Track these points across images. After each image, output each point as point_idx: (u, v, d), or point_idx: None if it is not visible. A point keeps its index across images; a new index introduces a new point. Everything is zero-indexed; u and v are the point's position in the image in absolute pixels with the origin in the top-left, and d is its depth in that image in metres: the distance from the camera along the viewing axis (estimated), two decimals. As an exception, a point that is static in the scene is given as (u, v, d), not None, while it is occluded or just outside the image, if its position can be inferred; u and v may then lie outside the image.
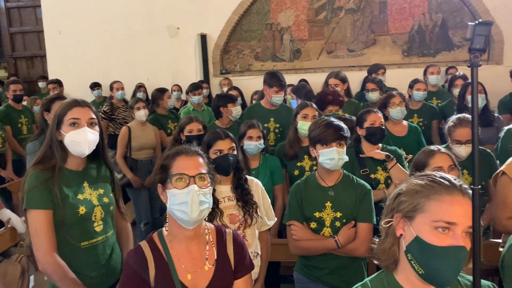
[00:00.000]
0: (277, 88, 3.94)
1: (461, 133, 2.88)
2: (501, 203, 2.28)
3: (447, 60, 6.95)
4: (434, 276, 1.16)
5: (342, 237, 2.31)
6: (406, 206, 1.21)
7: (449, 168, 2.23)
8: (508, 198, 2.24)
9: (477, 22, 1.27)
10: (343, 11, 7.27)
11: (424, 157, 2.30)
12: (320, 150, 2.34)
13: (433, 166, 2.23)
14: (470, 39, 1.28)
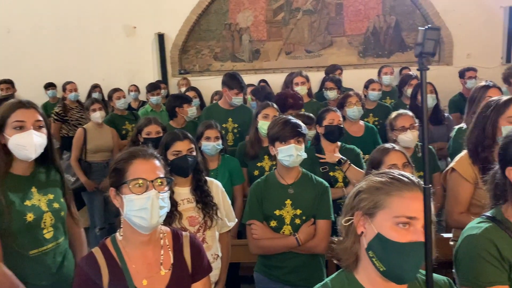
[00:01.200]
0: (237, 90, 3.94)
1: (403, 119, 3.08)
2: (453, 199, 2.35)
3: (401, 61, 7.18)
4: (395, 272, 1.18)
5: (302, 234, 2.33)
6: (366, 203, 1.23)
7: (403, 165, 2.30)
8: (460, 194, 2.31)
9: (427, 27, 1.31)
10: (300, 12, 7.35)
11: (379, 155, 2.36)
12: (279, 147, 2.37)
13: (388, 164, 2.29)
14: (421, 44, 1.32)
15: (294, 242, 2.33)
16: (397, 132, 3.10)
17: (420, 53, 1.31)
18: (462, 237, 1.50)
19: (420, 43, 1.31)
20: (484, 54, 6.77)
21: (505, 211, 1.48)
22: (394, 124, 3.13)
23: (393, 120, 3.15)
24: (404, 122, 3.08)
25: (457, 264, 1.50)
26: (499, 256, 1.38)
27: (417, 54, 1.32)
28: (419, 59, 1.36)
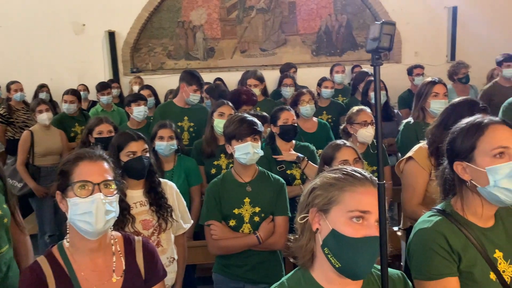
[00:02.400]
0: (196, 87, 3.88)
1: (365, 114, 3.16)
2: (411, 188, 2.39)
3: (353, 59, 7.35)
4: (350, 268, 1.19)
5: (262, 232, 2.35)
6: (320, 200, 1.23)
7: (354, 160, 2.34)
8: (417, 182, 2.36)
9: (383, 21, 1.33)
10: (254, 10, 7.36)
11: (331, 151, 2.39)
12: (235, 145, 2.37)
13: (339, 159, 2.33)
14: (377, 38, 1.33)
15: (255, 240, 2.34)
16: (358, 126, 3.16)
17: (376, 48, 1.32)
18: (414, 231, 1.54)
19: (377, 37, 1.32)
20: (431, 52, 7.05)
21: (454, 204, 1.53)
22: (355, 119, 3.19)
23: (355, 115, 3.21)
24: (366, 117, 3.16)
25: (409, 258, 1.53)
26: (449, 248, 1.42)
27: (372, 49, 1.33)
28: (372, 55, 1.38)
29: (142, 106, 3.99)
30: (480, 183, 1.43)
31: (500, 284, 1.43)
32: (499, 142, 1.41)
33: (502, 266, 1.45)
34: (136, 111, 3.93)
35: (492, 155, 1.41)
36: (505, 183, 1.38)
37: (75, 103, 4.73)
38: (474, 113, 2.24)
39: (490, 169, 1.40)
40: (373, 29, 1.35)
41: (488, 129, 1.44)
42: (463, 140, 1.47)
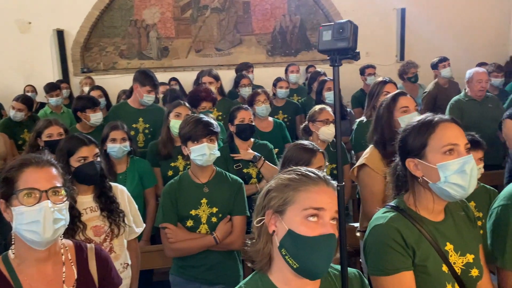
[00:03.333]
0: (150, 88, 3.79)
1: (327, 113, 3.23)
2: (370, 194, 2.41)
3: (307, 59, 7.46)
4: (308, 267, 1.19)
5: (219, 232, 2.35)
6: (276, 201, 1.24)
7: (324, 166, 2.40)
8: (375, 187, 2.38)
9: (349, 22, 1.35)
10: (208, 10, 7.31)
11: (306, 156, 2.33)
12: (191, 147, 2.35)
13: (316, 166, 2.26)
14: (347, 38, 1.35)
15: (211, 241, 2.34)
16: (320, 124, 3.21)
17: (347, 49, 1.35)
18: (369, 228, 1.57)
19: (348, 37, 1.34)
20: (381, 53, 7.26)
21: (407, 200, 1.57)
22: (317, 117, 3.24)
23: (317, 113, 3.27)
24: (328, 116, 3.23)
25: (366, 254, 1.56)
26: (404, 243, 1.46)
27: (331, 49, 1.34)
28: (332, 56, 1.40)
29: (99, 112, 3.78)
30: (431, 179, 1.47)
31: (451, 276, 1.49)
32: (449, 139, 1.46)
33: (453, 258, 1.51)
34: (93, 119, 3.70)
35: (442, 152, 1.46)
36: (454, 179, 1.43)
37: (23, 111, 4.49)
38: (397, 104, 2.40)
39: (441, 165, 1.45)
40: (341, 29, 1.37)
41: (438, 127, 1.48)
42: (415, 138, 1.51)
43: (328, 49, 1.41)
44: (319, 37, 1.42)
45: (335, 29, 1.39)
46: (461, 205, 1.63)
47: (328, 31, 1.40)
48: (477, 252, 1.58)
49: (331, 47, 1.40)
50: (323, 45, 1.42)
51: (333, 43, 1.40)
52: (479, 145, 2.35)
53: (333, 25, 1.41)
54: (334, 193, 1.25)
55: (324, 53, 1.45)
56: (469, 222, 1.62)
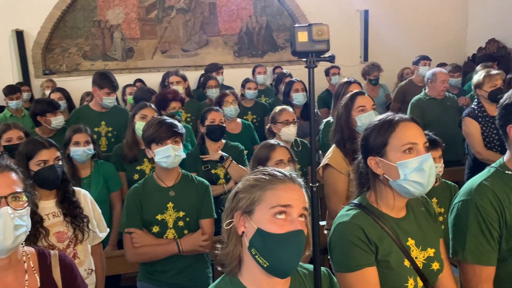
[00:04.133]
0: (109, 90, 3.72)
1: (287, 113, 3.24)
2: (333, 193, 2.48)
3: (273, 60, 7.50)
4: (278, 265, 1.20)
5: (185, 240, 2.30)
6: (244, 202, 1.25)
7: (288, 160, 2.40)
8: (338, 186, 2.45)
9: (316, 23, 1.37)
10: (174, 10, 7.24)
11: (265, 151, 2.41)
12: (155, 149, 2.30)
13: (275, 160, 2.37)
14: (326, 41, 1.37)
15: (175, 248, 2.29)
16: (280, 125, 3.24)
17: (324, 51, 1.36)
18: (334, 226, 1.60)
19: (325, 40, 1.35)
20: (346, 54, 7.38)
21: (369, 197, 1.61)
22: (278, 118, 3.27)
23: (277, 114, 3.29)
24: (288, 116, 3.24)
25: (331, 251, 1.59)
26: (367, 240, 1.50)
27: (318, 51, 1.36)
28: (310, 57, 1.41)
29: (59, 115, 3.65)
30: (391, 176, 1.52)
31: (413, 270, 1.54)
32: (408, 138, 1.50)
33: (415, 253, 1.55)
34: (55, 122, 3.57)
35: (402, 150, 1.50)
36: (413, 176, 1.48)
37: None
38: (354, 103, 2.50)
39: (401, 163, 1.49)
40: (320, 31, 1.38)
41: (398, 126, 1.52)
42: (376, 137, 1.55)
43: (305, 51, 1.41)
44: (294, 38, 1.41)
45: (312, 31, 1.40)
46: (422, 201, 1.68)
47: (304, 32, 1.40)
48: (438, 246, 1.63)
49: (309, 49, 1.41)
50: (300, 46, 1.41)
51: (311, 45, 1.41)
52: (436, 144, 2.44)
53: (308, 27, 1.41)
54: (301, 190, 1.27)
55: (299, 55, 1.44)
56: (430, 217, 1.67)
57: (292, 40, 1.43)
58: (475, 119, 3.49)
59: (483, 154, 3.41)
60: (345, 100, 2.58)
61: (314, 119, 1.49)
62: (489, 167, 1.74)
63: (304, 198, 1.26)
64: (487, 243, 1.60)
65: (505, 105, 1.65)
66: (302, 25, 1.42)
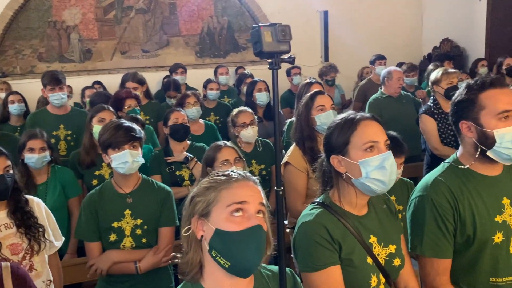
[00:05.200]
0: (50, 86, 3.54)
1: (244, 116, 3.23)
2: (293, 191, 2.51)
3: (236, 60, 7.49)
4: (240, 264, 1.19)
5: (144, 264, 2.23)
6: (200, 205, 1.24)
7: (234, 160, 2.39)
8: (298, 184, 2.49)
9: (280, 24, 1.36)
10: (133, 10, 7.10)
11: (212, 152, 2.41)
12: (112, 154, 2.21)
13: (220, 160, 2.36)
14: (289, 41, 1.36)
15: (133, 271, 2.22)
16: (239, 128, 3.23)
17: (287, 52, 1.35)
18: (298, 225, 1.60)
19: (288, 40, 1.34)
20: (307, 54, 7.46)
21: (332, 195, 1.63)
22: (236, 121, 3.26)
23: (235, 117, 3.28)
24: (245, 119, 3.22)
25: (295, 251, 1.59)
26: (330, 238, 1.51)
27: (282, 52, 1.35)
28: (275, 58, 1.40)
29: None
30: (354, 175, 1.54)
31: (376, 267, 1.56)
32: (369, 137, 1.53)
33: (377, 250, 1.58)
34: None
35: (363, 149, 1.52)
36: (375, 174, 1.50)
37: None
38: (314, 102, 2.54)
39: (362, 162, 1.51)
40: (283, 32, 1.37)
41: (359, 125, 1.55)
42: (338, 136, 1.57)
43: (271, 51, 1.40)
44: (260, 38, 1.38)
45: (277, 31, 1.39)
46: (383, 199, 1.72)
47: (269, 32, 1.39)
48: (399, 242, 1.67)
49: (275, 49, 1.39)
50: (267, 46, 1.39)
51: (276, 46, 1.39)
52: (401, 151, 2.47)
53: (273, 27, 1.39)
54: (256, 187, 1.27)
55: (263, 55, 1.41)
56: (391, 214, 1.71)
57: (255, 40, 1.40)
58: (431, 116, 3.60)
59: (440, 150, 3.53)
60: (305, 100, 2.62)
61: (278, 120, 1.49)
62: (443, 162, 1.80)
63: (260, 194, 1.26)
64: (443, 236, 1.66)
65: (457, 102, 1.71)
66: (267, 24, 1.40)
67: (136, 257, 2.25)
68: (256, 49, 1.41)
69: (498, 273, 1.65)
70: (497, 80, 1.66)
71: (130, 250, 2.26)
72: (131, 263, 2.22)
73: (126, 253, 2.25)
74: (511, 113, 1.60)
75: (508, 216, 1.65)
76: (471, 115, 1.65)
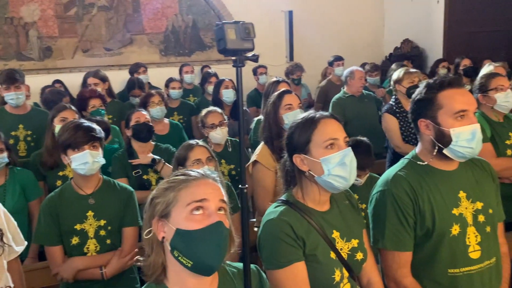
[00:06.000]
0: (5, 85, 3.43)
1: (213, 116, 3.21)
2: (261, 189, 2.52)
3: (201, 59, 7.44)
4: (202, 262, 1.19)
5: (109, 269, 2.20)
6: (160, 206, 1.23)
7: (207, 159, 2.38)
8: (266, 182, 2.50)
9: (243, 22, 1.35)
10: (95, 8, 6.93)
11: (183, 151, 2.38)
12: (71, 155, 2.16)
13: (192, 159, 2.34)
14: (252, 39, 1.36)
15: (98, 276, 2.19)
16: (208, 129, 3.21)
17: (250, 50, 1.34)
18: (262, 223, 1.62)
19: (252, 38, 1.34)
20: (273, 53, 7.50)
21: (295, 193, 1.65)
22: (205, 121, 3.23)
23: (204, 118, 3.25)
24: (214, 119, 3.19)
25: (260, 249, 1.60)
26: (294, 235, 1.53)
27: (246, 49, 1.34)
28: (240, 56, 1.40)
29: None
30: (316, 172, 1.57)
31: (339, 261, 1.60)
32: (329, 134, 1.56)
33: (340, 244, 1.62)
34: None
35: (324, 146, 1.56)
36: (336, 171, 1.54)
37: None
38: (282, 101, 2.57)
39: (324, 159, 1.55)
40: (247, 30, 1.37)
41: (320, 123, 1.58)
42: (299, 135, 1.60)
43: (235, 48, 1.39)
44: (223, 35, 1.37)
45: (241, 29, 1.38)
46: (345, 194, 1.76)
47: (232, 30, 1.38)
48: (361, 236, 1.71)
49: (238, 47, 1.38)
50: (231, 44, 1.38)
51: (240, 43, 1.39)
52: (369, 163, 2.60)
53: (236, 24, 1.38)
54: (216, 184, 1.27)
55: (228, 53, 1.41)
56: (353, 210, 1.75)
57: (219, 38, 1.39)
58: (393, 115, 3.70)
59: (402, 148, 3.63)
60: (273, 98, 2.64)
61: (244, 119, 1.49)
62: (403, 158, 1.86)
63: (220, 191, 1.26)
64: (404, 230, 1.71)
65: (416, 100, 1.77)
66: (230, 22, 1.40)
67: (101, 262, 2.22)
68: (220, 46, 1.41)
69: (456, 264, 1.71)
70: (455, 80, 1.73)
71: (95, 255, 2.23)
72: (97, 268, 2.19)
73: (91, 259, 2.22)
74: (467, 112, 1.67)
75: (464, 209, 1.72)
76: (430, 113, 1.71)
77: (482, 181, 1.80)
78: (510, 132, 2.87)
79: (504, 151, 2.80)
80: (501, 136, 2.83)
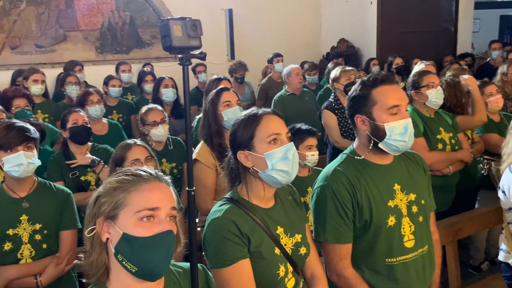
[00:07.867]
0: None
1: (154, 114, 3.16)
2: (202, 188, 2.50)
3: (140, 57, 7.24)
4: (148, 269, 1.16)
5: (45, 277, 2.11)
6: (106, 206, 1.17)
7: (146, 159, 2.32)
8: (207, 181, 2.50)
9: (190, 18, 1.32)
10: (24, 2, 6.53)
11: (121, 151, 2.31)
12: (4, 157, 2.05)
13: (130, 159, 2.28)
14: (199, 36, 1.32)
15: (33, 286, 2.09)
16: (149, 127, 3.14)
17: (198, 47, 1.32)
18: (207, 222, 1.61)
19: (199, 36, 1.31)
20: (213, 52, 7.44)
21: (240, 191, 1.66)
22: (146, 119, 3.17)
23: (144, 115, 3.19)
24: (156, 117, 3.15)
25: (205, 249, 1.60)
26: (239, 233, 1.54)
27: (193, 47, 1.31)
28: (186, 54, 1.35)
29: None
30: (260, 168, 1.59)
31: (284, 257, 1.63)
32: (272, 130, 1.59)
33: (284, 240, 1.65)
34: None
35: (267, 142, 1.58)
36: (280, 165, 1.57)
37: None
38: (220, 98, 2.59)
39: (267, 154, 1.57)
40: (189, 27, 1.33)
41: (262, 119, 1.60)
42: (243, 131, 1.61)
43: (182, 46, 1.34)
44: (168, 32, 1.31)
45: (188, 25, 1.33)
46: (288, 190, 1.79)
47: (179, 26, 1.32)
48: (304, 231, 1.75)
49: (185, 44, 1.33)
50: (177, 41, 1.32)
51: (186, 40, 1.33)
52: (313, 132, 2.71)
53: (183, 21, 1.33)
54: (168, 189, 1.23)
55: (174, 50, 1.35)
56: (296, 205, 1.79)
57: (164, 34, 1.33)
58: (332, 111, 3.83)
59: (340, 143, 3.76)
60: (211, 96, 2.65)
61: (190, 118, 1.47)
62: (341, 154, 1.93)
63: (172, 197, 1.22)
64: (344, 223, 1.78)
65: (352, 97, 1.84)
66: (176, 18, 1.34)
67: (35, 270, 2.11)
68: (165, 43, 1.35)
69: (392, 254, 1.80)
70: (388, 77, 1.82)
71: (29, 263, 2.12)
72: (31, 277, 2.08)
73: (25, 267, 2.10)
74: (400, 108, 1.76)
75: (399, 200, 1.82)
76: (365, 109, 1.79)
77: (415, 173, 1.90)
78: (441, 127, 3.06)
79: (436, 145, 2.98)
80: (432, 131, 3.01)
